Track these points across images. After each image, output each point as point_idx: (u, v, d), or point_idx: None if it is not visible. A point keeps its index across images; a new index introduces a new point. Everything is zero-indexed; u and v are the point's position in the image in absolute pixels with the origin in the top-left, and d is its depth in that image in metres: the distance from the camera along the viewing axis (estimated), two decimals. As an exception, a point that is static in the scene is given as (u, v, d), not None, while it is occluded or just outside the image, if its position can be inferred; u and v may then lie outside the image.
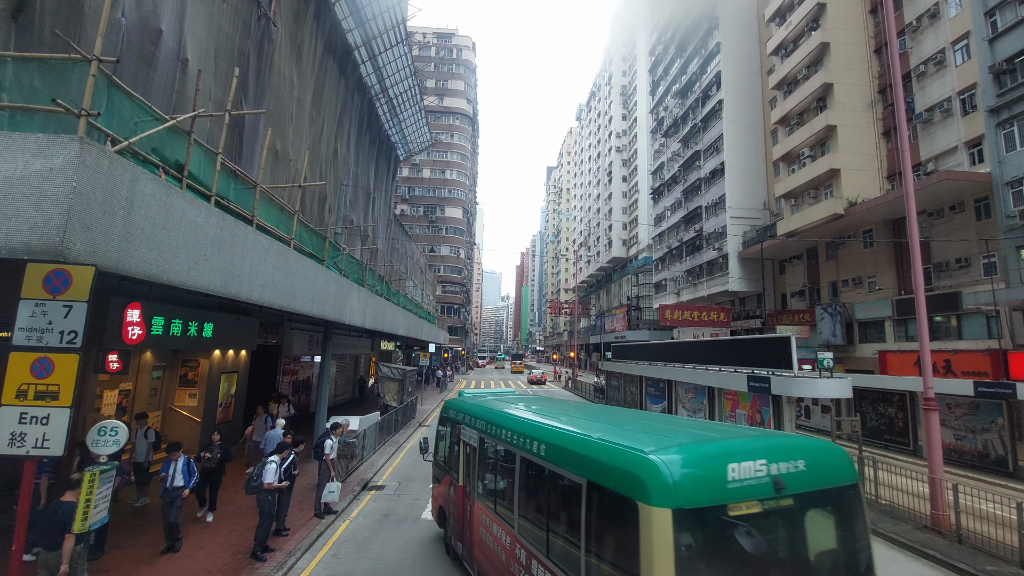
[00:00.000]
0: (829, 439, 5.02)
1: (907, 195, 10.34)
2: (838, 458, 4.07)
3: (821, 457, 3.94)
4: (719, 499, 3.44)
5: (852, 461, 4.16)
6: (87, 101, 4.78)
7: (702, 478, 3.48)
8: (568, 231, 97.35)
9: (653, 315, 47.04)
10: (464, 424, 7.31)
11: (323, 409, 13.96)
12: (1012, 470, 13.33)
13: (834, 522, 3.95)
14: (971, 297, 19.34)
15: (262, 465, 7.85)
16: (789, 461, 3.72)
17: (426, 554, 7.99)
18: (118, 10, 7.91)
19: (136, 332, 7.86)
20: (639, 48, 59.78)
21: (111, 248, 4.78)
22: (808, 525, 3.79)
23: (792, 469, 3.69)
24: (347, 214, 22.11)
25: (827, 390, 12.06)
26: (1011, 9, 18.81)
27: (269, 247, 8.16)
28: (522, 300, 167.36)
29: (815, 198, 28.28)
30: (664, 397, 20.38)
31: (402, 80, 26.27)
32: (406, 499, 10.92)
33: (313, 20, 16.92)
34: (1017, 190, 18.26)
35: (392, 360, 31.10)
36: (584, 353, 72.80)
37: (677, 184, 42.94)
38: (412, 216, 61.60)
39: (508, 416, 6.16)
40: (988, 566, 7.53)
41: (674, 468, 3.43)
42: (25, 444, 4.33)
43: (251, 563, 7.35)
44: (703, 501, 3.39)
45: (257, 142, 12.79)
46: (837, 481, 3.93)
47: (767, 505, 3.53)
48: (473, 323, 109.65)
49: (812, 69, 28.69)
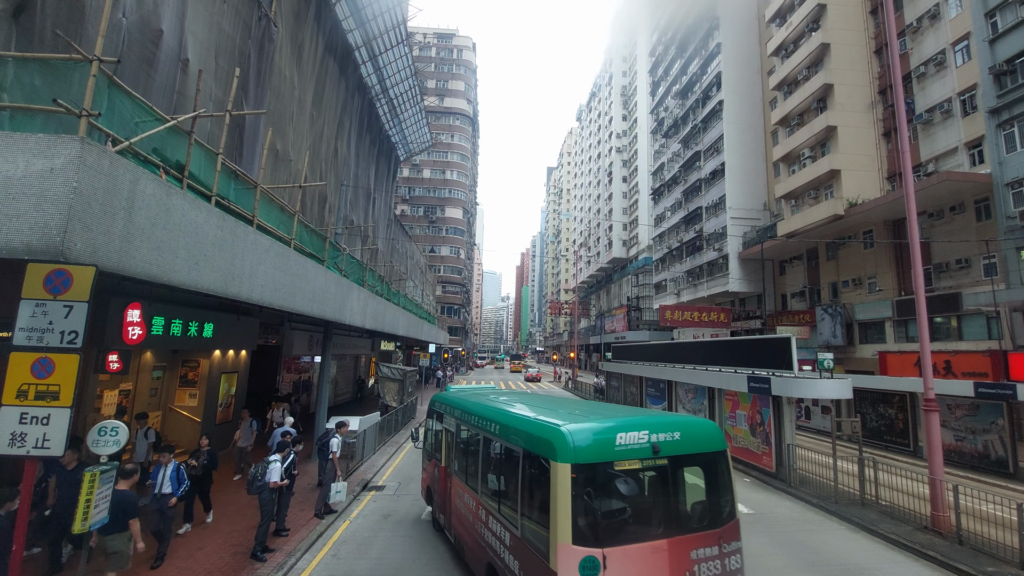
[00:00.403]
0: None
1: (907, 196, 10.34)
2: (710, 431, 5.36)
3: (695, 431, 5.24)
4: (608, 458, 4.79)
5: (722, 433, 5.47)
6: (88, 101, 4.78)
7: (596, 443, 4.80)
8: (568, 231, 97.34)
9: (653, 315, 47.04)
10: (446, 414, 8.59)
11: (323, 409, 13.96)
12: (1012, 471, 13.32)
13: (704, 478, 5.28)
14: (971, 298, 19.34)
15: (265, 465, 7.84)
16: (667, 432, 5.02)
17: (426, 555, 7.98)
18: (119, 10, 7.91)
19: (136, 332, 7.86)
20: (639, 48, 59.81)
21: (112, 248, 4.78)
22: (680, 478, 5.13)
23: (668, 438, 4.99)
24: (347, 214, 22.12)
25: (827, 391, 12.05)
26: (1011, 10, 18.82)
27: (269, 247, 8.16)
28: (522, 300, 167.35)
29: (815, 199, 28.29)
30: (664, 398, 20.38)
31: (402, 80, 26.28)
32: (406, 499, 10.91)
33: (314, 20, 16.92)
34: (1017, 191, 18.26)
35: (392, 360, 31.11)
36: (584, 353, 72.78)
37: (677, 185, 42.95)
38: (412, 216, 61.61)
39: (477, 405, 7.52)
40: (988, 567, 7.52)
41: (576, 437, 4.78)
42: (25, 444, 4.33)
43: (251, 563, 7.35)
44: (595, 459, 4.74)
45: (257, 142, 12.80)
46: (707, 448, 5.23)
47: (646, 463, 4.91)
48: (473, 323, 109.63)
49: (812, 70, 28.69)
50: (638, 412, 5.94)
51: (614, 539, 4.62)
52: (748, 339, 18.41)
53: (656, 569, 4.55)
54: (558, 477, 4.60)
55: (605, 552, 4.45)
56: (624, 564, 4.47)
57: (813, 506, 10.75)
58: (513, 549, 5.39)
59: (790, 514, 10.30)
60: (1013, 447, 13.47)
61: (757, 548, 8.40)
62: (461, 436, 7.70)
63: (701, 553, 4.74)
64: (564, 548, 4.44)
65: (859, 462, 10.90)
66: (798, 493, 11.42)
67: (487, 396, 8.97)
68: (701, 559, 4.71)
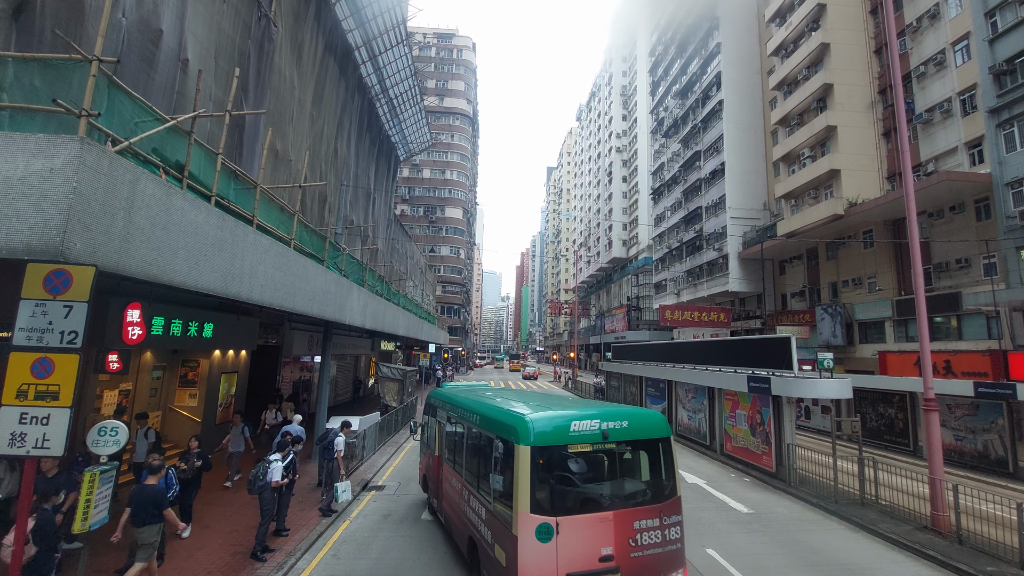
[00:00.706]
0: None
1: (907, 196, 10.34)
2: (655, 421, 6.14)
3: (641, 420, 6.04)
4: (563, 442, 5.60)
5: (667, 423, 6.21)
6: (87, 101, 4.78)
7: (553, 430, 5.62)
8: (568, 231, 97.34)
9: (653, 315, 47.04)
10: (439, 408, 9.48)
11: (323, 409, 13.97)
12: (1012, 471, 13.32)
13: (648, 461, 6.08)
14: (971, 298, 19.34)
15: (266, 464, 7.85)
16: (616, 421, 5.79)
17: (426, 554, 7.98)
18: (119, 10, 7.91)
19: (136, 332, 7.86)
20: (639, 48, 59.80)
21: (111, 248, 4.78)
22: (627, 460, 6.05)
23: (617, 426, 5.77)
24: (347, 214, 22.12)
25: (827, 391, 12.06)
26: (1011, 10, 18.82)
27: (269, 247, 8.16)
28: (522, 300, 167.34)
29: (815, 199, 28.29)
30: (664, 397, 20.38)
31: (402, 80, 26.28)
32: (406, 499, 10.92)
33: (314, 20, 16.92)
34: (1017, 191, 18.26)
35: (392, 360, 31.11)
36: (584, 353, 72.77)
37: (677, 184, 42.94)
38: (412, 216, 61.61)
39: (463, 398, 8.43)
40: (988, 567, 7.53)
41: (536, 424, 5.63)
42: (25, 444, 4.33)
43: (251, 563, 7.35)
44: (552, 442, 5.56)
45: (257, 142, 12.79)
46: (652, 435, 5.99)
47: (597, 446, 5.71)
48: (473, 323, 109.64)
49: (812, 70, 28.69)
50: (599, 405, 6.76)
51: (566, 509, 5.45)
52: (748, 339, 18.42)
53: (602, 535, 5.33)
54: (520, 457, 5.44)
55: (558, 520, 5.27)
56: (574, 530, 5.27)
57: (813, 506, 10.75)
58: (487, 521, 6.21)
59: (790, 514, 10.30)
60: (1013, 447, 13.47)
61: (757, 548, 8.40)
62: (450, 427, 8.56)
63: (643, 524, 5.52)
64: (523, 516, 5.24)
65: (859, 462, 10.90)
66: (798, 493, 11.43)
67: (476, 392, 9.88)
68: (643, 529, 5.50)
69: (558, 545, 5.19)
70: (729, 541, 8.67)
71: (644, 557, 5.42)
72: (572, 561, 5.18)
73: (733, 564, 7.71)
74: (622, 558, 5.32)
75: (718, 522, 9.65)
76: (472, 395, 8.94)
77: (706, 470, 13.99)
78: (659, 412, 6.48)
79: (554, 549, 5.17)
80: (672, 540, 5.63)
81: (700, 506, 10.65)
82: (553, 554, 5.16)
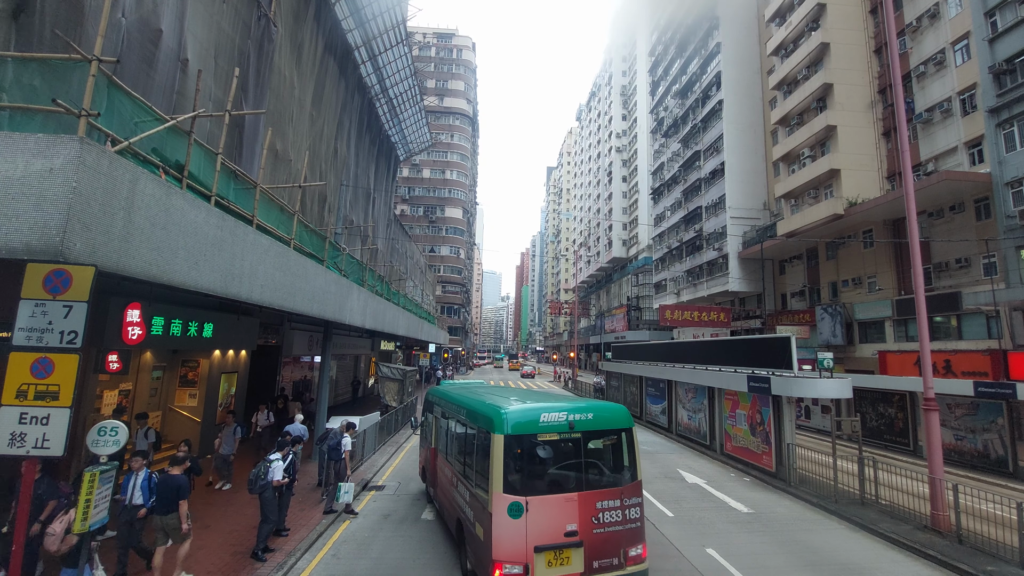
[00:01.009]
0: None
1: (907, 195, 10.34)
2: (618, 413, 6.77)
3: (605, 413, 6.69)
4: (533, 431, 6.31)
5: (629, 415, 6.85)
6: (87, 101, 4.78)
7: (525, 421, 6.32)
8: (568, 231, 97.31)
9: (653, 315, 47.04)
10: (436, 404, 10.09)
11: (323, 409, 13.96)
12: (1012, 470, 13.32)
13: (611, 449, 6.74)
14: (971, 297, 19.34)
15: (267, 464, 7.84)
16: (582, 414, 6.49)
17: (426, 554, 7.98)
18: (118, 10, 7.91)
19: (136, 332, 7.86)
20: (639, 48, 59.79)
21: (111, 248, 4.78)
22: (592, 448, 6.59)
23: (583, 418, 6.46)
24: (347, 214, 22.11)
25: (827, 390, 12.06)
26: (1011, 9, 18.82)
27: (269, 247, 8.16)
28: (522, 300, 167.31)
29: (815, 198, 28.29)
30: (664, 397, 20.38)
31: (402, 80, 26.27)
32: (406, 499, 10.92)
33: (313, 20, 16.92)
34: (1017, 190, 18.26)
35: (392, 360, 31.10)
36: (584, 353, 72.76)
37: (677, 184, 42.94)
38: (412, 216, 61.60)
39: (456, 395, 9.10)
40: (988, 566, 7.53)
41: (510, 416, 6.31)
42: (25, 444, 4.33)
43: (251, 563, 7.35)
44: (523, 431, 6.26)
45: (257, 142, 12.79)
46: (615, 426, 6.66)
47: (564, 435, 6.42)
48: (473, 323, 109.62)
49: (812, 69, 28.69)
50: (569, 399, 7.27)
51: (535, 490, 6.11)
52: (748, 339, 18.42)
53: (567, 513, 6.00)
54: (495, 445, 6.15)
55: (528, 499, 5.95)
56: (542, 508, 5.97)
57: (813, 505, 10.75)
58: (470, 503, 6.95)
59: (790, 513, 10.30)
60: (1013, 446, 13.47)
61: (757, 548, 8.40)
62: (443, 421, 9.28)
63: (605, 504, 6.17)
64: (497, 496, 5.95)
65: (859, 461, 10.90)
66: (798, 492, 11.43)
67: (469, 389, 10.54)
68: (605, 508, 6.15)
69: (527, 521, 5.88)
70: (729, 541, 8.67)
71: (605, 533, 6.09)
72: (540, 535, 5.87)
73: (733, 564, 7.71)
74: (585, 533, 6.00)
75: (718, 522, 9.65)
76: (465, 392, 9.61)
77: (706, 470, 13.99)
78: (623, 406, 7.13)
79: (524, 525, 5.87)
80: (632, 519, 6.28)
81: (700, 506, 10.65)
82: (523, 529, 5.86)
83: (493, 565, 5.78)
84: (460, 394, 9.10)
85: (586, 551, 5.96)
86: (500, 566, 5.74)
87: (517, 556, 5.78)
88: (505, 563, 5.76)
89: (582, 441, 6.45)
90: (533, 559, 5.78)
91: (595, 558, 5.98)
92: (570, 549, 5.92)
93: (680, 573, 7.44)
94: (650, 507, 10.46)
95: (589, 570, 5.93)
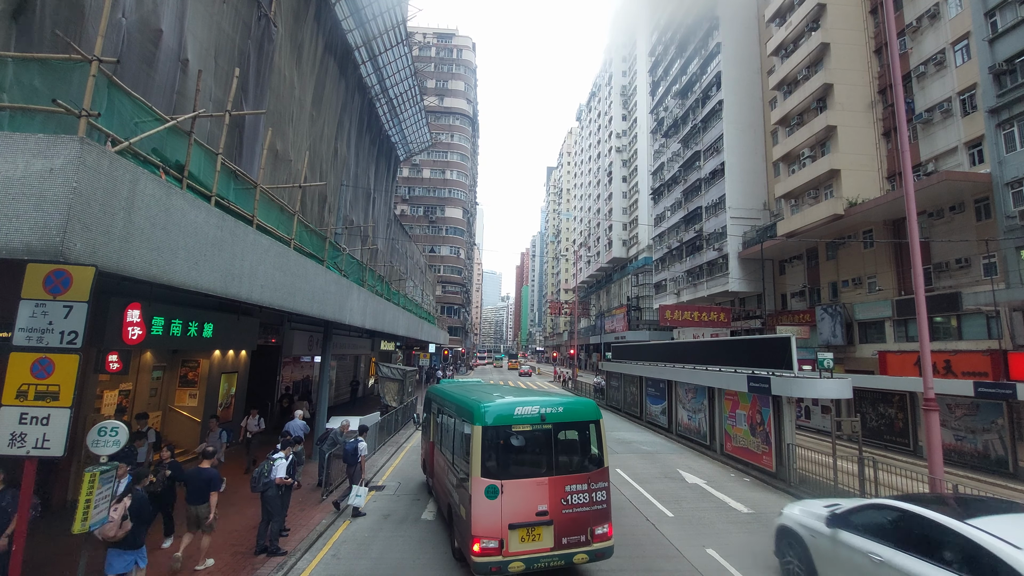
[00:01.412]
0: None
1: (907, 195, 10.34)
2: (587, 407, 7.38)
3: (575, 406, 7.30)
4: (508, 422, 6.94)
5: (598, 409, 7.46)
6: (87, 101, 4.78)
7: (501, 414, 6.95)
8: (568, 231, 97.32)
9: (653, 315, 47.04)
10: (433, 401, 10.66)
11: (323, 410, 13.96)
12: (1012, 471, 13.32)
13: (580, 439, 7.35)
14: (971, 297, 19.35)
15: (270, 463, 7.89)
16: (553, 407, 7.11)
17: (427, 555, 7.98)
18: (118, 10, 7.91)
19: (136, 332, 7.86)
20: (639, 48, 59.80)
21: (111, 248, 4.78)
22: (562, 438, 7.23)
23: (553, 411, 7.09)
24: (347, 214, 22.12)
25: (827, 391, 12.05)
26: (1011, 9, 18.82)
27: (269, 247, 8.16)
28: (522, 300, 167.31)
29: (815, 198, 28.29)
30: (664, 397, 20.38)
31: (402, 80, 26.27)
32: (406, 499, 10.91)
33: (313, 20, 16.92)
34: (1017, 190, 18.26)
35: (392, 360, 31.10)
36: (584, 353, 72.76)
37: (677, 184, 42.94)
38: (412, 216, 61.60)
39: (449, 392, 9.73)
40: (988, 567, 7.52)
41: (488, 409, 6.98)
42: (25, 444, 4.33)
43: (251, 563, 7.35)
44: (500, 423, 6.91)
45: (257, 142, 12.79)
46: (583, 418, 7.27)
47: (536, 427, 7.03)
48: (473, 323, 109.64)
49: (812, 69, 28.69)
50: (543, 395, 7.91)
51: (510, 474, 6.73)
52: (748, 339, 18.42)
53: (539, 495, 6.64)
54: (475, 434, 6.81)
55: (503, 482, 6.59)
56: (516, 491, 6.60)
57: (813, 506, 10.74)
58: (456, 488, 7.59)
59: (790, 514, 10.29)
60: (1013, 447, 13.47)
61: (757, 548, 8.40)
62: (439, 415, 9.88)
63: (573, 488, 6.77)
64: (476, 479, 6.59)
65: (859, 461, 10.90)
66: (798, 493, 11.42)
67: (463, 386, 11.19)
68: (573, 491, 6.76)
69: (503, 502, 6.52)
70: (729, 541, 8.67)
71: (573, 513, 6.71)
72: (514, 514, 6.51)
73: (733, 564, 7.71)
74: (555, 513, 6.63)
75: (718, 522, 9.65)
76: (458, 389, 10.34)
77: (706, 470, 13.99)
78: (592, 401, 7.83)
79: (499, 505, 6.50)
80: (599, 501, 6.87)
81: (700, 506, 10.65)
82: (499, 509, 6.49)
83: (472, 540, 6.42)
84: (452, 391, 9.80)
85: (555, 529, 6.59)
86: (478, 540, 6.40)
87: (493, 532, 6.41)
88: (483, 538, 6.40)
89: (553, 432, 7.08)
90: (508, 535, 6.43)
91: (564, 535, 6.60)
92: (541, 527, 6.57)
93: (680, 573, 7.44)
94: (650, 507, 10.46)
95: (558, 546, 6.56)
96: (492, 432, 6.86)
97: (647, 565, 7.67)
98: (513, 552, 6.41)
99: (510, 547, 6.41)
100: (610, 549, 6.87)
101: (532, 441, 7.07)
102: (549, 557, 6.51)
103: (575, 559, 6.63)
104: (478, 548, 6.38)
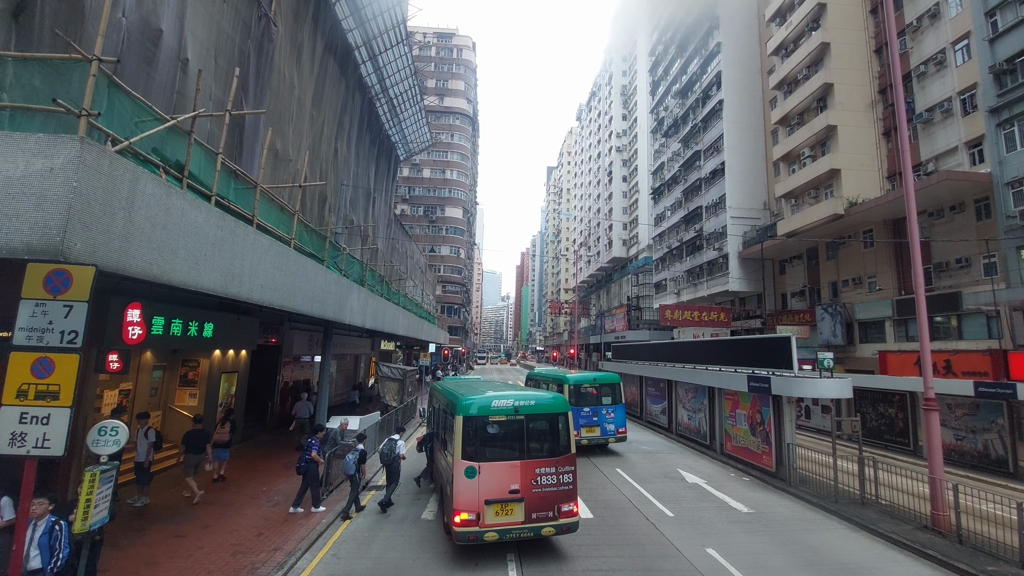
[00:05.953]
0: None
1: (907, 195, 10.34)
2: (556, 401, 8.45)
3: (545, 400, 8.37)
4: (486, 413, 8.01)
5: (567, 402, 8.54)
6: (87, 101, 4.78)
7: (480, 406, 8.03)
8: (568, 231, 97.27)
9: (653, 315, 47.01)
10: (434, 396, 12.00)
11: (323, 410, 13.97)
12: (1012, 470, 13.32)
13: (549, 428, 8.31)
14: (971, 297, 19.33)
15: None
16: (525, 401, 8.21)
17: (426, 554, 7.99)
18: (119, 10, 7.91)
19: (136, 332, 7.86)
20: (639, 48, 59.72)
21: (111, 248, 4.78)
22: (533, 427, 8.20)
23: (526, 404, 8.18)
24: (347, 214, 22.11)
25: (827, 390, 12.05)
26: (1011, 9, 18.80)
27: (269, 247, 8.16)
28: (522, 300, 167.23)
29: (815, 198, 28.27)
30: (664, 397, 20.38)
31: (402, 80, 26.26)
32: (406, 499, 10.91)
33: (313, 20, 16.91)
34: (1017, 190, 18.24)
35: (392, 360, 31.08)
36: (584, 353, 72.69)
37: (677, 184, 42.92)
38: (412, 216, 61.58)
39: (445, 388, 10.70)
40: (988, 566, 7.52)
41: (468, 402, 8.06)
42: (25, 444, 4.33)
43: (251, 563, 7.36)
44: (478, 414, 7.96)
45: (257, 142, 12.79)
46: (552, 410, 8.32)
47: (510, 417, 8.08)
48: (473, 323, 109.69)
49: (812, 69, 28.66)
50: (519, 390, 8.92)
51: (486, 458, 7.77)
52: (748, 338, 18.41)
53: (511, 476, 7.67)
54: (456, 423, 7.90)
55: (480, 464, 7.65)
56: (491, 472, 7.63)
57: (813, 505, 10.75)
58: (444, 470, 8.88)
59: (790, 513, 10.30)
60: (1013, 446, 13.47)
61: (757, 547, 8.40)
62: (439, 408, 10.90)
63: (542, 470, 7.82)
64: (457, 461, 7.69)
65: (859, 461, 10.90)
66: (798, 492, 11.43)
67: (459, 383, 12.14)
68: (542, 473, 7.80)
69: (479, 481, 7.54)
70: (729, 541, 8.67)
71: (542, 492, 7.73)
72: (490, 491, 7.53)
73: (733, 564, 7.71)
74: (525, 491, 7.65)
75: (718, 522, 9.65)
76: (452, 385, 11.27)
77: (706, 470, 13.98)
78: (562, 396, 8.81)
79: (477, 483, 7.53)
80: (566, 483, 7.88)
81: (700, 506, 10.65)
82: (476, 486, 7.52)
83: (454, 512, 7.48)
84: (446, 386, 10.88)
85: (526, 505, 7.61)
86: (458, 512, 7.44)
87: (471, 506, 7.44)
88: (462, 511, 7.43)
89: (525, 422, 8.11)
90: (484, 509, 7.47)
91: (533, 511, 7.62)
92: (513, 503, 7.60)
93: (680, 573, 7.44)
94: (650, 507, 10.46)
95: (528, 520, 7.59)
96: (472, 421, 7.87)
97: (647, 565, 7.68)
98: (488, 524, 7.43)
99: (486, 520, 7.44)
100: (575, 524, 7.82)
101: (507, 429, 8.06)
102: (520, 529, 7.54)
103: (543, 531, 7.64)
104: (459, 519, 7.40)
